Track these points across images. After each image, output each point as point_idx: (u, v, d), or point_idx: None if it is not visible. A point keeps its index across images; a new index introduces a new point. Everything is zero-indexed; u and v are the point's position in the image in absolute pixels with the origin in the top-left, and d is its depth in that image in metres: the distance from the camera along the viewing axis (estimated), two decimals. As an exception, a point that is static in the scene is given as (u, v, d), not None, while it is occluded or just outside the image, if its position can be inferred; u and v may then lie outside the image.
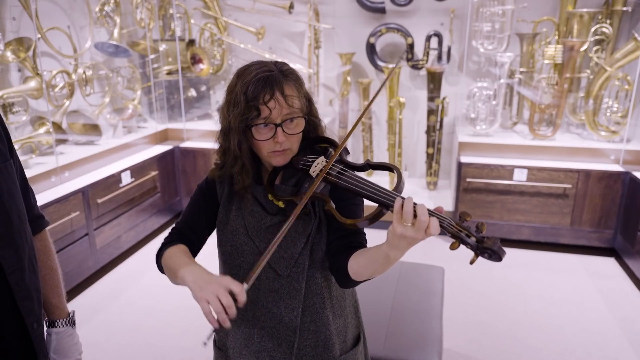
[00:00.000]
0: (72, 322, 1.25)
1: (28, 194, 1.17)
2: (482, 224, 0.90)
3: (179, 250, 1.20)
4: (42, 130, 3.11)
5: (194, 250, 1.26)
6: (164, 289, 3.06)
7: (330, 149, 1.15)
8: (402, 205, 0.91)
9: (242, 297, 0.95)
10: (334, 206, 1.05)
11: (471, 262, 0.91)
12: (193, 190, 1.36)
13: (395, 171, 1.05)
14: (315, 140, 1.20)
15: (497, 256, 0.87)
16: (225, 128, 1.14)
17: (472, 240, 0.89)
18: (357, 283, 1.10)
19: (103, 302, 2.93)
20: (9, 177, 1.03)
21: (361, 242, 1.13)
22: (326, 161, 1.10)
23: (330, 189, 1.14)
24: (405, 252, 0.95)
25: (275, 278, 1.16)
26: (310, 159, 1.13)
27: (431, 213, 0.91)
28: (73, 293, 2.97)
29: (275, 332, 1.18)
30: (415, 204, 0.91)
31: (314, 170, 1.09)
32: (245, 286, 0.96)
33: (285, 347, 1.18)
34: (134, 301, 2.93)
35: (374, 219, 0.98)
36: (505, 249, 0.88)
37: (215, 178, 1.23)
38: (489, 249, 0.87)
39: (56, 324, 1.22)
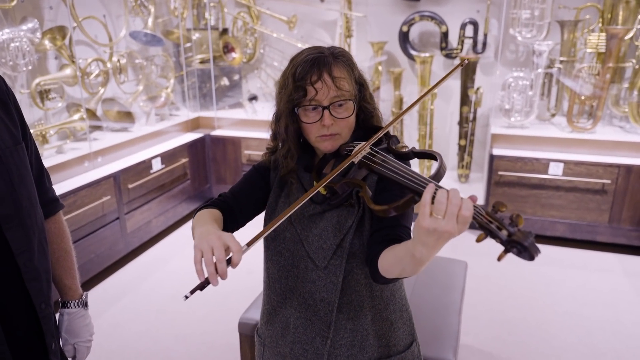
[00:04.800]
0: (84, 304, 1.28)
1: (42, 178, 1.19)
2: (518, 216, 0.77)
3: (209, 214, 1.16)
4: (76, 116, 3.21)
5: (233, 220, 1.22)
6: (189, 274, 3.11)
7: (384, 139, 1.09)
8: (434, 195, 0.80)
9: (237, 258, 0.90)
10: (369, 193, 0.98)
11: (499, 259, 0.77)
12: (222, 178, 1.37)
13: (437, 158, 0.98)
14: (370, 130, 1.15)
15: (527, 253, 0.74)
16: (277, 112, 1.14)
17: (503, 233, 0.76)
18: (388, 280, 1.01)
19: (131, 284, 3.01)
20: (20, 160, 1.05)
21: (400, 235, 1.03)
22: (371, 147, 1.04)
23: (377, 179, 1.09)
24: (433, 252, 0.84)
25: (313, 269, 1.13)
26: (356, 145, 1.08)
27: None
28: (103, 275, 3.07)
29: (310, 324, 1.15)
30: (447, 191, 0.81)
31: (354, 156, 1.04)
32: (245, 247, 0.92)
33: (319, 342, 1.15)
34: (161, 284, 3.01)
35: (404, 207, 0.89)
36: (539, 246, 0.75)
37: (267, 164, 1.23)
38: (518, 243, 0.74)
39: (68, 304, 1.25)
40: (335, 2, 4.19)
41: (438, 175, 0.91)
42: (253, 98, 4.38)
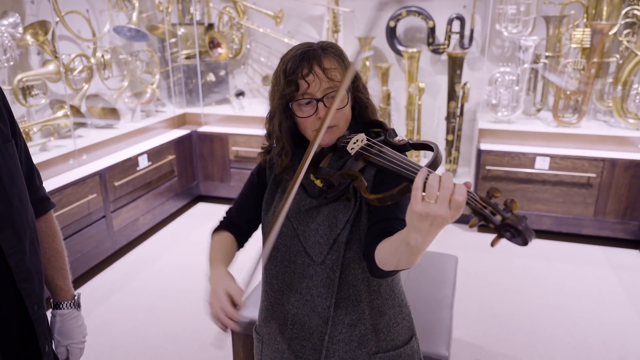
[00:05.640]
0: (77, 305, 1.25)
1: (33, 176, 1.17)
2: (513, 201, 0.75)
3: (218, 243, 1.26)
4: (60, 113, 3.15)
5: (242, 234, 1.30)
6: (178, 272, 3.09)
7: (381, 132, 1.09)
8: (427, 179, 0.79)
9: (238, 299, 1.03)
10: (364, 183, 0.97)
11: (492, 244, 0.76)
12: (210, 174, 1.39)
13: (434, 148, 0.97)
14: (368, 124, 1.14)
15: (521, 237, 0.73)
16: (270, 111, 1.14)
17: (497, 218, 0.75)
18: (385, 273, 1.00)
19: (119, 283, 2.97)
20: (10, 158, 1.02)
21: (396, 228, 1.01)
22: (367, 138, 1.02)
23: (375, 171, 1.08)
24: (427, 239, 0.83)
25: (310, 264, 1.12)
26: (352, 137, 1.06)
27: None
28: (90, 274, 3.03)
29: (307, 320, 1.14)
30: (439, 175, 0.80)
31: (352, 147, 1.02)
32: (244, 288, 1.02)
33: (317, 338, 1.14)
34: (149, 283, 2.97)
35: (399, 195, 0.88)
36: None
37: (262, 163, 1.23)
38: (512, 226, 0.72)
39: (61, 305, 1.23)
40: (322, -3, 4.17)
41: (434, 164, 0.90)
42: (240, 94, 4.34)
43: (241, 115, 4.11)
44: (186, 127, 4.09)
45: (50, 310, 1.23)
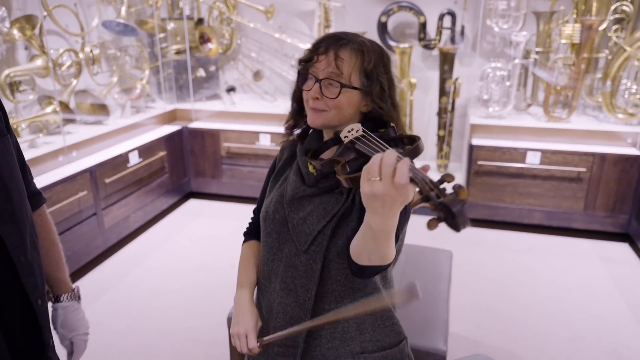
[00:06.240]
0: (77, 297, 1.26)
1: (25, 171, 1.16)
2: (461, 188, 0.71)
3: (246, 259, 1.30)
4: (49, 109, 3.10)
5: None
6: (171, 269, 3.07)
7: (387, 129, 1.08)
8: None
9: (254, 351, 1.15)
10: (346, 169, 0.96)
11: (429, 226, 0.72)
12: (201, 171, 1.43)
13: (416, 140, 0.97)
14: (379, 122, 1.13)
15: (454, 220, 0.70)
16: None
17: (436, 198, 0.71)
18: (361, 269, 0.99)
19: (111, 281, 2.94)
20: (7, 152, 1.02)
21: None
22: (363, 130, 1.01)
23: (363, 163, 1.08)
24: (386, 221, 0.82)
25: (295, 253, 1.12)
26: (348, 127, 1.05)
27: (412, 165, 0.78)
28: (81, 272, 2.99)
29: (290, 310, 1.15)
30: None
31: (345, 135, 1.02)
32: (258, 345, 1.15)
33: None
34: (141, 281, 2.95)
35: (357, 180, 0.85)
36: (517, 234, 0.74)
37: (282, 144, 1.28)
38: (445, 205, 0.69)
39: (61, 298, 1.23)
40: (313, -8, 4.14)
41: (413, 152, 0.91)
42: (231, 89, 4.31)
43: (232, 111, 4.08)
44: (177, 123, 4.05)
45: (51, 304, 1.22)
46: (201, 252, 3.29)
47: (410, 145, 0.97)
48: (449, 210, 0.70)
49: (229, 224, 3.67)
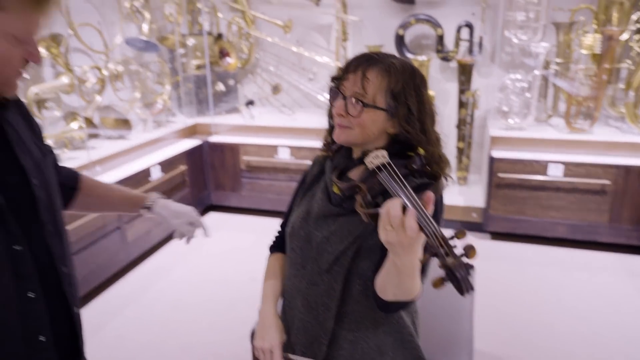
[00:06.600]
0: (157, 195, 1.41)
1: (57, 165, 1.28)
2: (471, 249, 0.74)
3: (272, 271, 1.31)
4: (74, 125, 3.17)
5: None
6: (192, 283, 3.09)
7: (414, 156, 1.08)
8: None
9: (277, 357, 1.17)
10: (367, 198, 0.97)
11: (434, 285, 0.76)
12: (221, 184, 1.46)
13: (437, 179, 0.99)
14: (406, 146, 1.12)
15: (456, 283, 0.73)
16: None
17: (449, 260, 0.75)
18: (386, 304, 1.01)
19: (133, 294, 2.97)
20: (50, 170, 1.09)
21: None
22: (387, 156, 1.01)
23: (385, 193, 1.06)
24: (408, 259, 0.85)
25: (318, 271, 1.14)
26: (374, 151, 1.04)
27: (421, 214, 0.80)
28: (104, 285, 3.03)
29: (310, 328, 1.15)
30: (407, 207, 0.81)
31: (370, 160, 1.02)
32: (285, 355, 1.17)
33: (316, 348, 1.15)
34: (163, 295, 2.97)
35: (375, 217, 0.88)
36: (540, 247, 0.76)
37: (316, 159, 1.30)
38: (450, 269, 0.73)
39: (149, 202, 1.38)
40: (330, 6, 4.18)
41: (435, 188, 0.94)
42: (250, 103, 4.35)
43: (251, 125, 4.12)
44: (197, 137, 4.10)
45: (146, 212, 1.38)
46: (221, 265, 3.31)
47: (429, 183, 0.97)
48: (453, 274, 0.73)
49: (249, 237, 3.69)
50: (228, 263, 3.33)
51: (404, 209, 0.82)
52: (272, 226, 1.43)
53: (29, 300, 0.96)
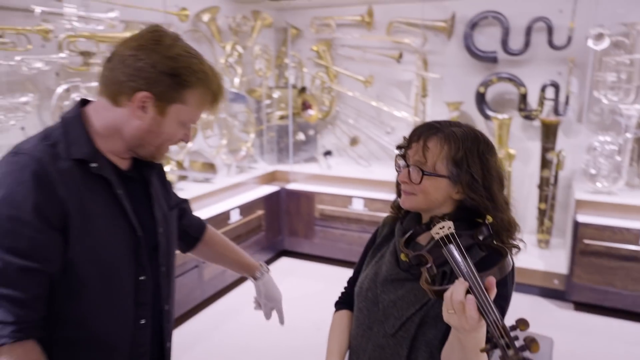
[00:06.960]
0: (266, 269, 1.54)
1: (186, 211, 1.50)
2: (533, 342, 0.73)
3: (337, 327, 1.33)
4: (167, 168, 3.45)
5: None
6: (261, 327, 3.14)
7: (481, 225, 1.08)
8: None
9: None
10: (432, 271, 0.99)
11: None
12: (295, 230, 1.53)
13: (502, 257, 0.97)
14: (473, 213, 1.13)
15: None
16: None
17: (510, 353, 0.75)
18: None
19: (205, 332, 3.09)
20: (173, 222, 1.27)
21: None
22: (453, 228, 1.02)
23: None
24: (474, 338, 0.88)
25: (384, 334, 1.15)
26: (441, 222, 1.06)
27: (482, 301, 0.83)
28: (180, 320, 3.18)
29: None
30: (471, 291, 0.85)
31: (436, 231, 1.03)
32: None
33: None
34: (232, 335, 3.06)
35: (439, 296, 0.92)
36: (630, 323, 0.73)
37: (386, 219, 1.34)
38: None
39: (257, 275, 1.52)
40: (411, 63, 4.29)
41: (501, 266, 0.92)
42: (327, 153, 4.49)
43: (328, 174, 4.23)
44: (276, 184, 4.28)
45: (253, 282, 1.54)
46: (289, 311, 3.31)
47: (495, 260, 0.97)
48: None
49: (318, 285, 3.72)
50: (296, 310, 3.35)
51: (468, 291, 0.86)
52: (341, 276, 1.47)
53: (141, 327, 1.12)
